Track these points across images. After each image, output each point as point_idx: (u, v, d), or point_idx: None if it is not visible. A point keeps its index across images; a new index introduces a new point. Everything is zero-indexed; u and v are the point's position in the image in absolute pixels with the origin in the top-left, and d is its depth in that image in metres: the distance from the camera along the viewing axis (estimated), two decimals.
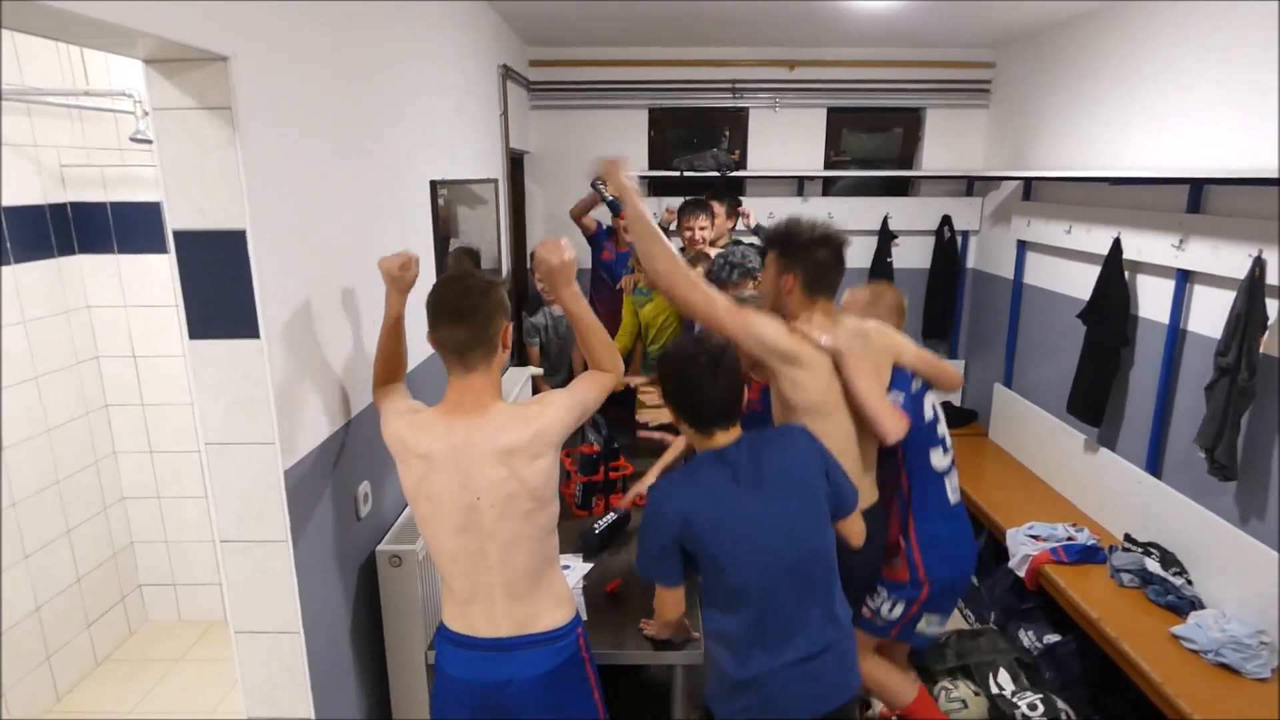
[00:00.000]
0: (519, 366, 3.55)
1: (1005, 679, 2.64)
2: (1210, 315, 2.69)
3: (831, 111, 4.59)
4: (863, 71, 4.44)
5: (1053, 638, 2.86)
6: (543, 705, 1.62)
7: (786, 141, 4.61)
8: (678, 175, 4.36)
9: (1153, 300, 3.00)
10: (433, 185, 2.51)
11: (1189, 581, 2.66)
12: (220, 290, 1.44)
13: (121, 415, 3.04)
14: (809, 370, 1.89)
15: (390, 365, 1.79)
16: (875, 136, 4.94)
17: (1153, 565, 2.70)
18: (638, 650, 1.96)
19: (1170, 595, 2.60)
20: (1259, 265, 2.37)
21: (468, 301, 1.54)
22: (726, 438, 1.68)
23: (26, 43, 2.55)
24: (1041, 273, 3.88)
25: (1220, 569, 2.58)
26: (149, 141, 2.52)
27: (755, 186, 4.69)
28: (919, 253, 4.63)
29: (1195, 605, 2.57)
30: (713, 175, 4.32)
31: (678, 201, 4.09)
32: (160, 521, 3.15)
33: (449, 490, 1.55)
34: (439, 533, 1.59)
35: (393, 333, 1.79)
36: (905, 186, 4.83)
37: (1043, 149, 3.87)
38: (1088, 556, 2.88)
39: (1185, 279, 2.81)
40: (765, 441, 1.71)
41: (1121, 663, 2.43)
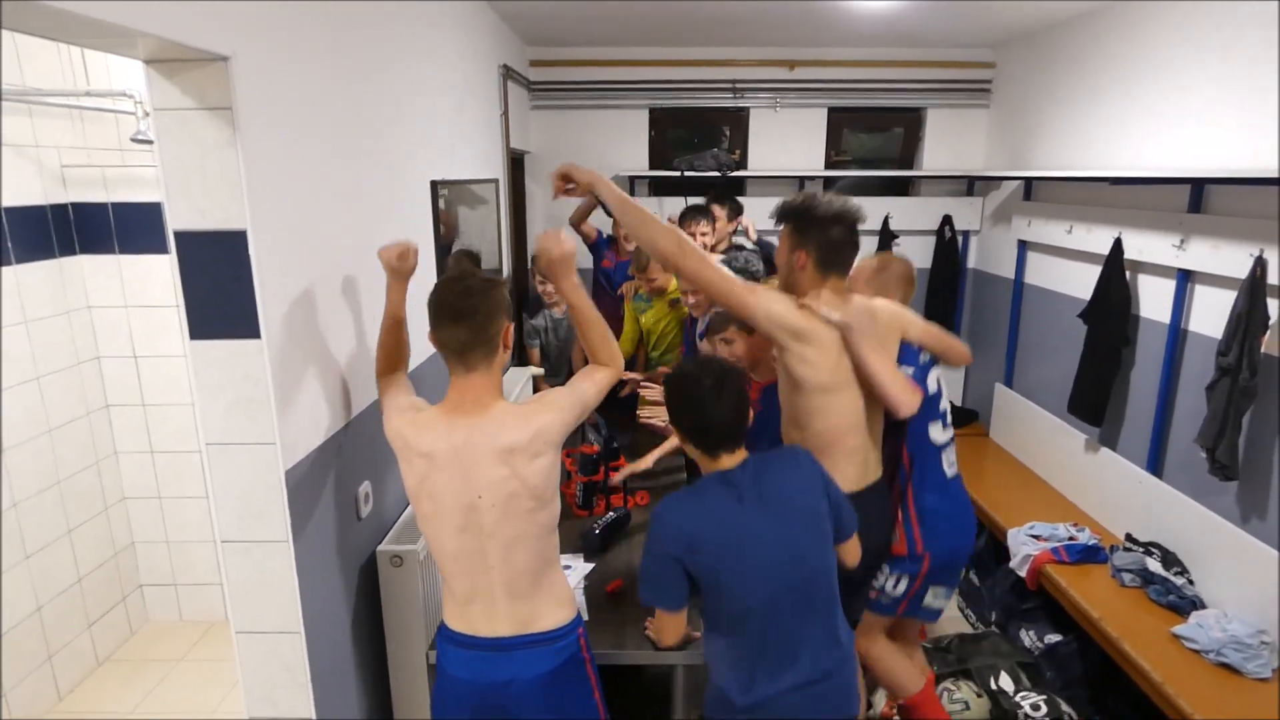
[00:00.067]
0: (520, 367, 3.55)
1: (1007, 681, 2.64)
2: (1211, 315, 2.69)
3: (832, 111, 4.59)
4: (863, 71, 4.44)
5: (1054, 638, 2.86)
6: (543, 705, 1.62)
7: (787, 141, 4.61)
8: (678, 175, 4.36)
9: (1154, 300, 3.00)
10: (433, 185, 2.51)
11: (1190, 581, 2.66)
12: (221, 290, 1.44)
13: (122, 415, 3.05)
14: (818, 347, 1.88)
15: (392, 355, 1.80)
16: (876, 136, 4.94)
17: (1154, 565, 2.70)
18: (638, 650, 1.96)
19: (1171, 595, 2.60)
20: (1260, 265, 2.37)
21: (468, 302, 1.54)
22: (732, 460, 1.68)
23: (27, 43, 2.55)
24: (1042, 272, 3.88)
25: (1221, 569, 2.58)
26: (150, 142, 2.53)
27: (756, 186, 4.69)
28: (920, 253, 4.62)
29: (1196, 605, 2.57)
30: (713, 175, 4.32)
31: (676, 208, 4.10)
32: (161, 521, 3.16)
33: (450, 489, 1.55)
34: (440, 532, 1.59)
35: (393, 324, 1.80)
36: (906, 186, 4.82)
37: (1043, 149, 3.87)
38: (1089, 556, 2.88)
39: (1186, 279, 2.80)
40: (769, 463, 1.70)
41: (1122, 662, 2.43)
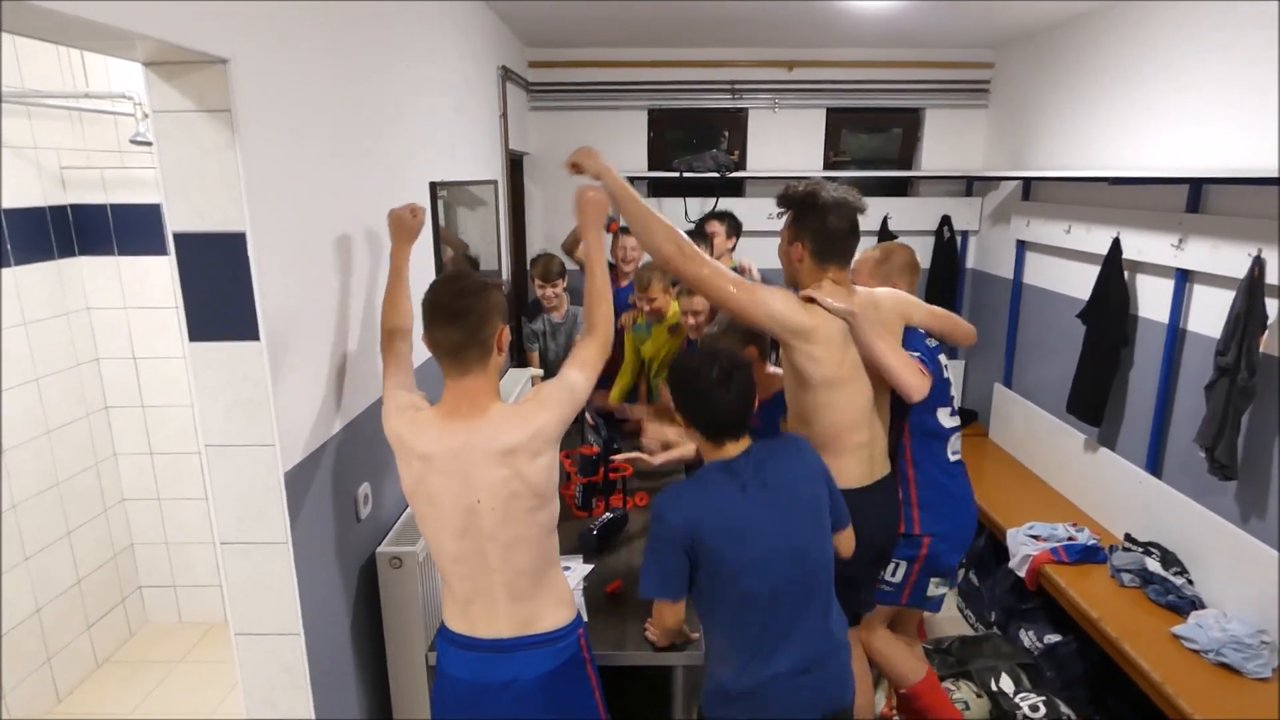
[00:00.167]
0: (520, 368, 3.55)
1: (1007, 683, 2.64)
2: (1210, 315, 2.69)
3: (831, 112, 4.58)
4: (862, 72, 4.44)
5: (1053, 638, 2.86)
6: (544, 706, 1.62)
7: (786, 142, 4.61)
8: (677, 176, 4.36)
9: (1152, 300, 3.00)
10: (432, 187, 2.51)
11: (1189, 581, 2.66)
12: (220, 292, 1.44)
13: (122, 417, 3.05)
14: (823, 344, 1.88)
15: (395, 312, 1.82)
16: (875, 137, 4.94)
17: (1153, 565, 2.70)
18: (638, 651, 1.96)
19: (1171, 595, 2.60)
20: (1258, 265, 2.37)
21: (461, 303, 1.52)
22: (736, 448, 1.68)
23: (26, 45, 2.55)
24: (1041, 273, 3.88)
25: (1221, 569, 2.58)
26: (149, 144, 2.53)
27: (755, 187, 4.69)
28: (919, 253, 4.47)
29: (1196, 605, 2.57)
30: (712, 176, 4.32)
31: (675, 208, 4.08)
32: (160, 523, 3.15)
33: (449, 493, 1.54)
34: (440, 535, 1.59)
35: (396, 284, 1.84)
36: (905, 187, 4.82)
37: (1042, 149, 3.87)
38: (1088, 556, 2.88)
39: (1185, 279, 2.81)
40: (772, 451, 1.71)
41: (1122, 663, 2.43)
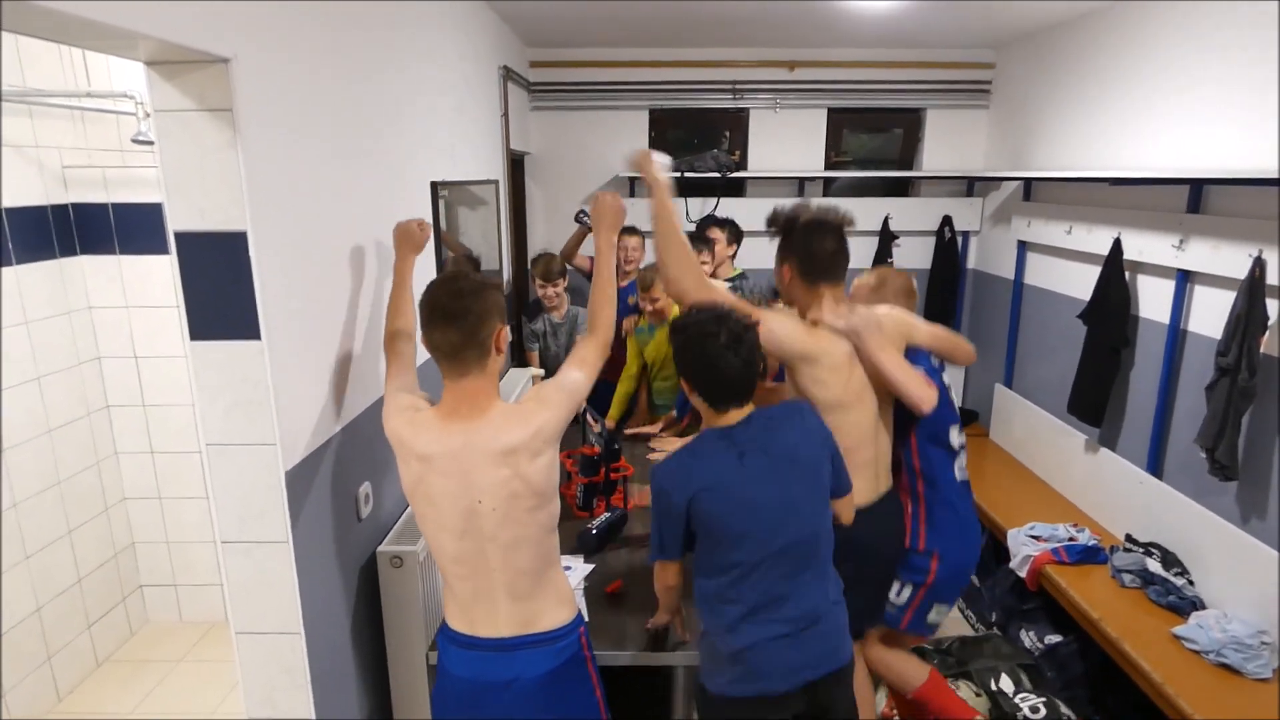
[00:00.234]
0: (520, 368, 3.55)
1: (1007, 683, 2.64)
2: (1210, 315, 2.69)
3: (832, 112, 4.59)
4: (863, 72, 4.45)
5: (1054, 638, 2.86)
6: (544, 705, 1.62)
7: (787, 142, 4.61)
8: (678, 176, 4.35)
9: (1153, 300, 3.00)
10: (433, 186, 2.51)
11: (1190, 582, 2.66)
12: (221, 292, 1.44)
13: (123, 416, 3.05)
14: (828, 367, 1.89)
15: (398, 316, 1.84)
16: (875, 137, 4.94)
17: (1154, 565, 2.70)
18: (638, 650, 1.96)
19: (1171, 595, 2.60)
20: (1259, 265, 2.37)
21: (459, 303, 1.51)
22: (739, 414, 1.68)
23: (28, 44, 2.55)
24: (1042, 273, 3.88)
25: (1221, 569, 2.58)
26: (150, 143, 2.53)
27: (755, 187, 4.69)
28: (919, 253, 4.63)
29: (1196, 605, 2.57)
30: (713, 176, 4.32)
31: (675, 209, 4.08)
32: (161, 522, 3.16)
33: (449, 494, 1.54)
34: (440, 535, 1.59)
35: (400, 293, 1.86)
36: (906, 187, 4.83)
37: (1043, 149, 3.87)
38: (1089, 557, 2.88)
39: (1185, 279, 2.81)
40: (774, 420, 1.70)
41: (1123, 663, 2.43)
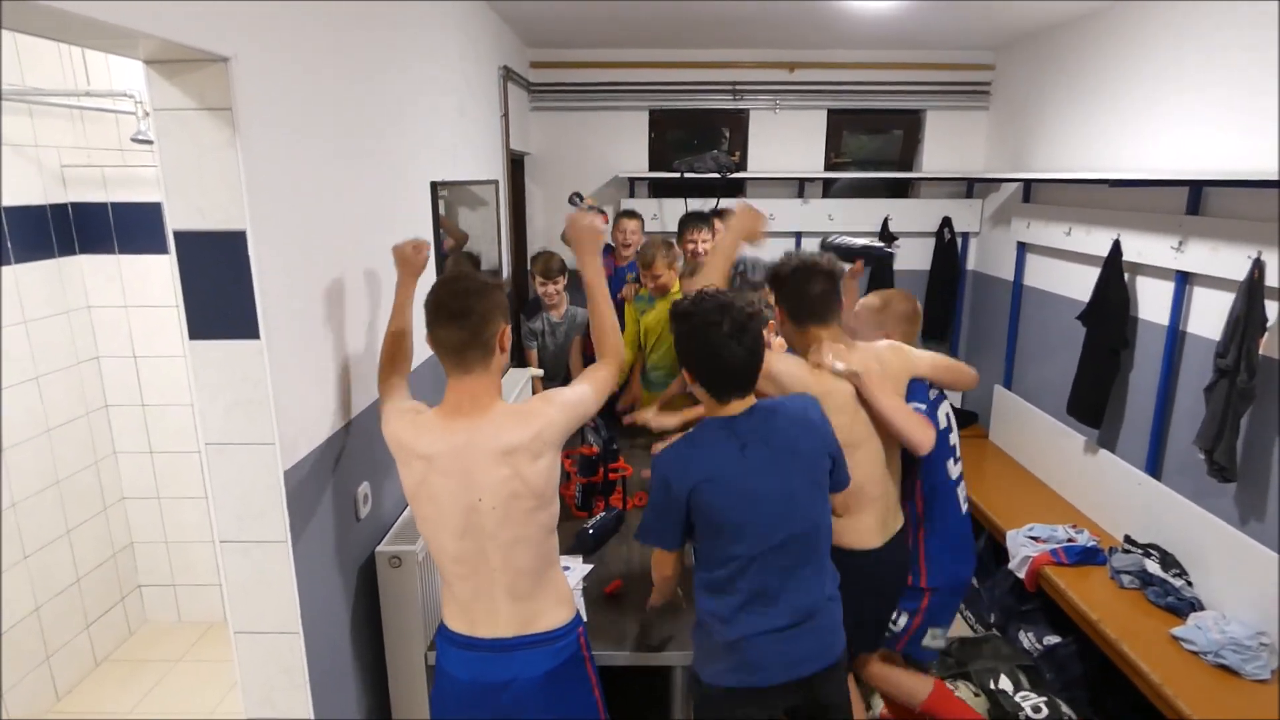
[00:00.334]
0: (519, 368, 3.55)
1: (1006, 684, 2.64)
2: (1210, 317, 2.69)
3: (832, 113, 4.59)
4: (863, 73, 4.45)
5: (1053, 639, 2.86)
6: (543, 705, 1.62)
7: (787, 143, 4.61)
8: (678, 177, 4.36)
9: (1152, 302, 3.00)
10: (433, 186, 2.51)
11: (1189, 583, 2.66)
12: (220, 291, 1.44)
13: (122, 415, 3.04)
14: (834, 408, 1.88)
15: (396, 358, 1.80)
16: (875, 138, 4.95)
17: (1153, 567, 2.70)
18: (638, 650, 1.96)
19: (1170, 597, 2.60)
20: (1258, 267, 2.38)
21: (464, 303, 1.53)
22: (740, 405, 1.67)
23: (28, 43, 2.55)
24: (1041, 274, 3.88)
25: (1220, 570, 2.58)
26: (150, 142, 2.53)
27: (755, 188, 4.69)
28: (919, 254, 4.63)
29: (1195, 607, 2.57)
30: (713, 177, 4.33)
31: (675, 209, 4.09)
32: (160, 522, 3.15)
33: (450, 492, 1.54)
34: (441, 535, 1.59)
35: (400, 323, 1.82)
36: (905, 188, 4.83)
37: (1042, 151, 3.88)
38: (1088, 558, 2.88)
39: (1185, 281, 2.81)
40: (777, 412, 1.69)
41: (1121, 664, 2.43)
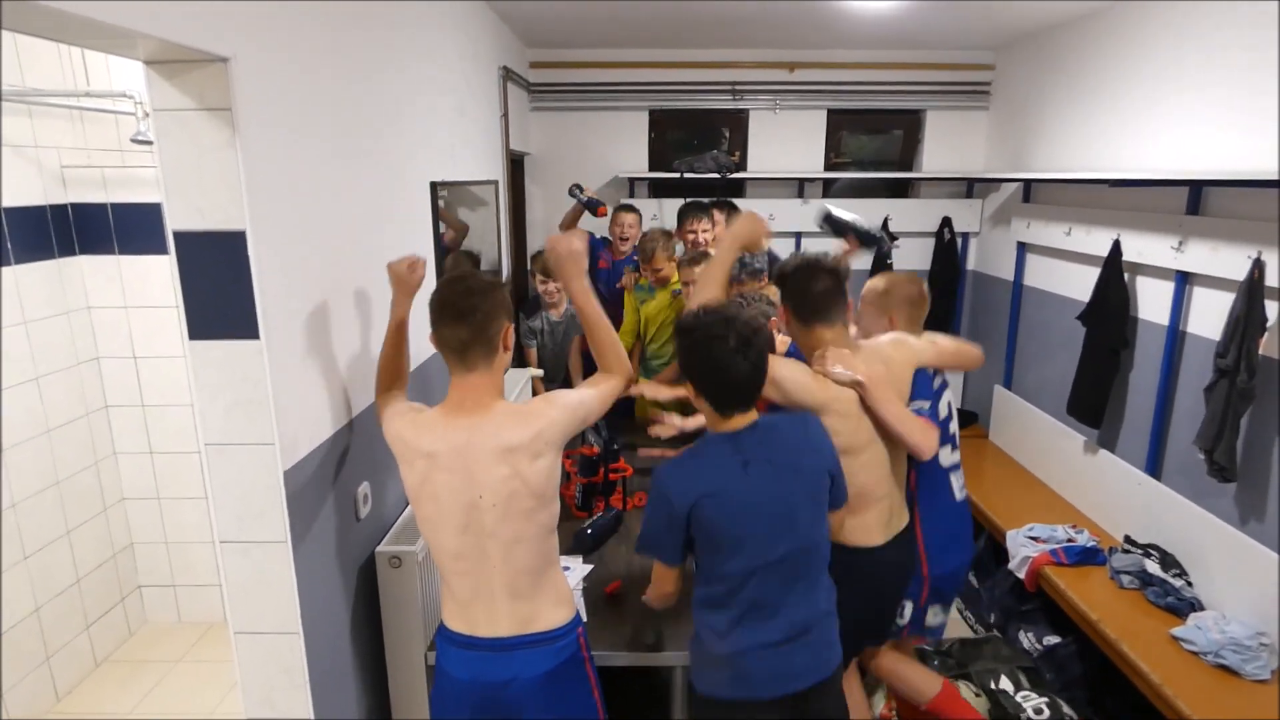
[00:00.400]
0: (518, 368, 3.55)
1: (1007, 685, 2.64)
2: (1210, 317, 2.69)
3: (832, 113, 4.59)
4: (863, 73, 4.45)
5: (1052, 639, 2.86)
6: (543, 705, 1.62)
7: (787, 143, 4.61)
8: (678, 177, 4.36)
9: (1152, 302, 3.00)
10: (433, 186, 2.51)
11: (1189, 583, 2.66)
12: (220, 291, 1.44)
13: (122, 416, 3.04)
14: (838, 414, 1.89)
15: (393, 371, 1.81)
16: (875, 138, 4.95)
17: (1152, 567, 2.70)
18: (638, 651, 1.96)
19: (1170, 597, 2.60)
20: (1258, 267, 2.38)
21: (468, 301, 1.55)
22: (743, 420, 1.67)
23: (28, 44, 2.55)
24: (1041, 274, 3.88)
25: (1220, 571, 2.58)
26: (149, 142, 2.53)
27: (755, 188, 4.69)
28: (919, 254, 4.63)
29: (1195, 607, 2.57)
30: (713, 177, 4.33)
31: (675, 210, 4.08)
32: (160, 522, 3.15)
33: (451, 489, 1.55)
34: (441, 532, 1.59)
35: (397, 337, 1.81)
36: (905, 188, 4.83)
37: (1042, 151, 3.88)
38: (1088, 558, 2.88)
39: (1185, 281, 2.81)
40: (779, 428, 1.69)
41: (1121, 664, 2.43)
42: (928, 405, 2.07)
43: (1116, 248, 3.07)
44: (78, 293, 2.88)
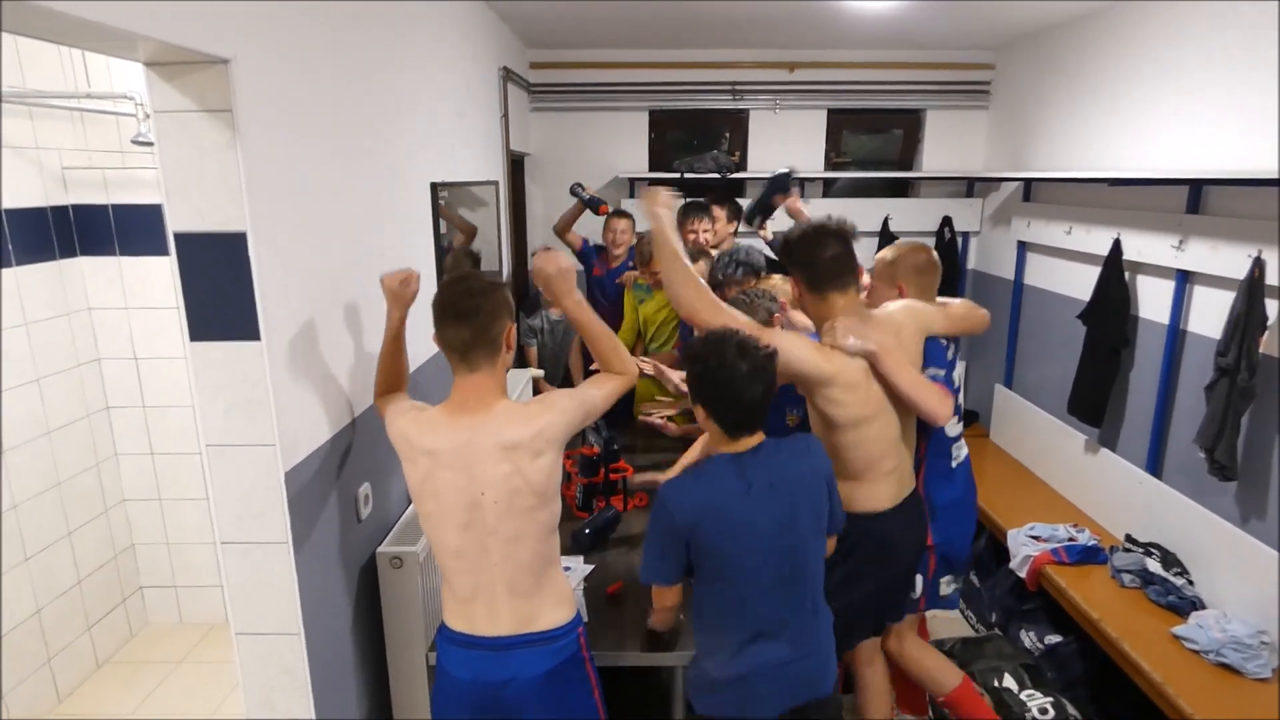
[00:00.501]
0: (519, 368, 3.55)
1: (1010, 682, 2.64)
2: (1210, 316, 2.69)
3: (832, 113, 4.59)
4: (863, 73, 4.45)
5: (1054, 638, 2.86)
6: (543, 704, 1.62)
7: (787, 143, 4.61)
8: (678, 177, 4.36)
9: (1153, 301, 3.00)
10: (433, 187, 2.51)
11: (1190, 582, 2.66)
12: (221, 292, 1.44)
13: (122, 417, 3.05)
14: (844, 386, 1.88)
15: (391, 378, 1.82)
16: (875, 138, 4.95)
17: (1153, 566, 2.70)
18: (638, 651, 1.96)
19: (1171, 595, 2.60)
20: (1258, 265, 2.38)
21: (471, 302, 1.56)
22: (750, 442, 1.68)
23: (28, 45, 2.55)
24: (1042, 274, 3.88)
25: (1221, 569, 2.58)
26: (150, 144, 2.53)
27: (755, 188, 4.68)
28: None
29: (1196, 605, 2.57)
30: (713, 177, 4.33)
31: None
32: (161, 523, 3.15)
33: (453, 487, 1.56)
34: (443, 529, 1.60)
35: (393, 347, 1.82)
36: (905, 188, 4.83)
37: (1043, 150, 3.88)
38: (1088, 557, 2.88)
39: (1185, 279, 2.81)
40: (782, 450, 1.71)
41: (1122, 663, 2.43)
42: (943, 373, 2.09)
43: (1117, 247, 3.07)
44: (78, 294, 2.88)
